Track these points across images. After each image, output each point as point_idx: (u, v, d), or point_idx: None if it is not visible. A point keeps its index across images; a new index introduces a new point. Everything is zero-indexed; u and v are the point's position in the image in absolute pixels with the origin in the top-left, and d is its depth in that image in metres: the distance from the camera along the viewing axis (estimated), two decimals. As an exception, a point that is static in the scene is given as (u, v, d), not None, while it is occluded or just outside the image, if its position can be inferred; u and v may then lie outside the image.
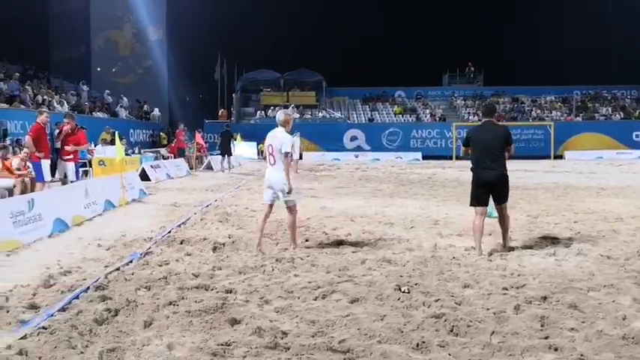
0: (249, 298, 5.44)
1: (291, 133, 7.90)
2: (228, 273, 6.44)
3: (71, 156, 13.08)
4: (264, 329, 4.50)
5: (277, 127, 7.82)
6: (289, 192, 7.62)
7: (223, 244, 8.01)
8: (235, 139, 26.97)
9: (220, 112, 40.60)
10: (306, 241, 8.40)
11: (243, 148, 32.24)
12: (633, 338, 4.29)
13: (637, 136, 37.65)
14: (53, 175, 13.38)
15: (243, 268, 6.60)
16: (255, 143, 33.91)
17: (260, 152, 35.48)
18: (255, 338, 4.35)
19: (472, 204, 7.69)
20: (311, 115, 41.10)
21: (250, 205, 12.23)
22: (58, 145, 13.53)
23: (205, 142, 30.24)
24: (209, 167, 26.11)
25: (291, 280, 6.10)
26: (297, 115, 39.17)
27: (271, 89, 43.92)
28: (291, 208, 7.83)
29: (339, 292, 5.61)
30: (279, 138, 7.67)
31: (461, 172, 23.32)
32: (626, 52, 42.41)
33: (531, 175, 21.08)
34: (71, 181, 12.72)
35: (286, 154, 7.59)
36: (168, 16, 43.88)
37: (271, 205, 7.87)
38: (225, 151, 24.73)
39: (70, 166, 13.13)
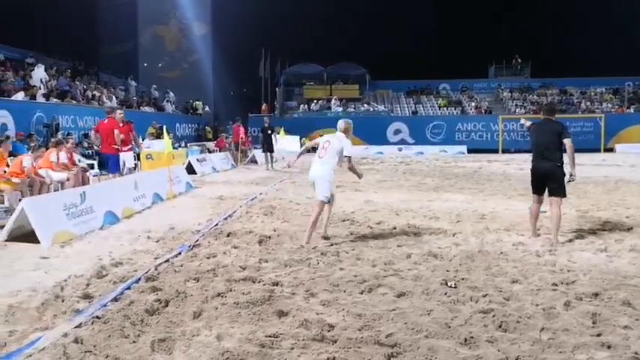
0: (295, 290, 5.49)
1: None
2: (274, 266, 6.51)
3: (129, 146, 13.50)
4: (311, 322, 4.54)
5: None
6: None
7: (269, 237, 8.09)
8: (278, 133, 26.86)
9: (264, 106, 40.92)
10: (351, 234, 8.42)
11: (286, 142, 32.33)
12: (691, 337, 4.16)
13: (693, 128, 36.07)
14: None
15: (288, 261, 6.66)
16: (297, 137, 33.97)
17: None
18: (302, 330, 4.39)
19: (532, 192, 8.21)
20: (354, 108, 40.90)
21: (295, 199, 12.32)
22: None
23: (249, 136, 30.52)
24: (253, 161, 26.33)
25: (336, 273, 6.13)
26: (341, 109, 39.14)
27: (314, 83, 43.89)
28: (323, 204, 7.92)
29: (385, 286, 5.61)
30: (341, 140, 7.90)
31: (507, 165, 22.96)
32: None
33: (580, 168, 20.33)
34: (129, 169, 13.16)
35: (349, 158, 7.83)
36: (213, 11, 44.36)
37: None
38: (268, 148, 23.34)
39: (128, 156, 13.55)
